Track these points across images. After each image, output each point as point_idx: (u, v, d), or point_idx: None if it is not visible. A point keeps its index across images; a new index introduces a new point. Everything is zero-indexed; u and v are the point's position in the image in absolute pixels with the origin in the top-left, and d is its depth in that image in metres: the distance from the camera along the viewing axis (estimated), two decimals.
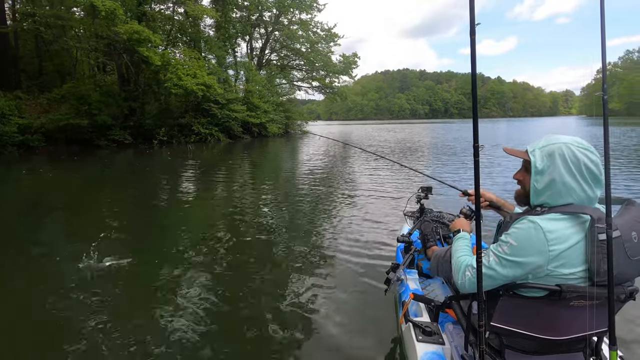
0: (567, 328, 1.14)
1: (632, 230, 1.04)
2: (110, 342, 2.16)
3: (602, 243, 1.00)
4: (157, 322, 2.35)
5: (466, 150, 13.71)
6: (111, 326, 2.32)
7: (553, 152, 1.11)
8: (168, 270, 3.14)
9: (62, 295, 2.74)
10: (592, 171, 1.08)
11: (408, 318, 1.72)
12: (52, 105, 16.31)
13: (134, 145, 17.47)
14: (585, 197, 1.09)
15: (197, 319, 2.39)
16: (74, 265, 3.25)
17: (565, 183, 1.08)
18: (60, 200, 6.58)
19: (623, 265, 1.02)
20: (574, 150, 1.09)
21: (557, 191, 1.10)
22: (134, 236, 4.28)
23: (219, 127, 20.42)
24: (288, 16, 26.98)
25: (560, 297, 1.05)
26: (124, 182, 8.80)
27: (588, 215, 1.04)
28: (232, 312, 2.51)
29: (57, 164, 11.72)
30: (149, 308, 2.54)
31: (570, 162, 1.08)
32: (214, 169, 10.27)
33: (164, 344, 2.13)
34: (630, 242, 1.03)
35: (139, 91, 19.06)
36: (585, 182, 1.08)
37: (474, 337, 1.30)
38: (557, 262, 1.05)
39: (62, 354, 2.08)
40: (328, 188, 7.00)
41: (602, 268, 1.00)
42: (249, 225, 4.53)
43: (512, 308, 1.15)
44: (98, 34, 15.89)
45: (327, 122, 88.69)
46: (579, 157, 1.08)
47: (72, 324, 2.37)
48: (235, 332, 2.27)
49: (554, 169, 1.10)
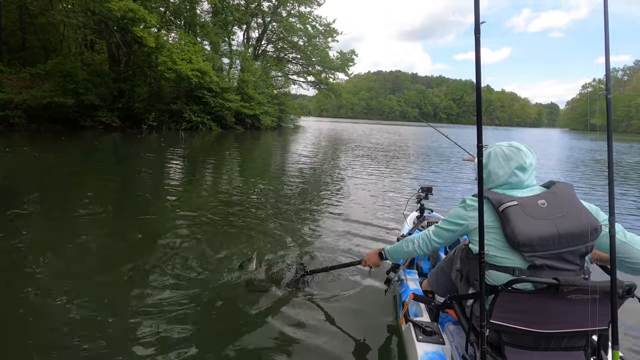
0: (564, 321, 1.20)
1: (539, 200, 1.30)
2: (88, 333, 1.98)
3: (503, 212, 1.28)
4: (133, 317, 2.16)
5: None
6: (87, 319, 2.13)
7: (490, 152, 1.47)
8: (149, 266, 2.87)
9: (35, 285, 2.48)
10: (518, 162, 1.40)
11: (408, 318, 1.73)
12: (36, 81, 15.39)
13: (121, 128, 16.77)
14: (513, 182, 1.41)
15: (180, 314, 2.20)
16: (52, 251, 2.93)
17: (496, 172, 1.43)
18: (50, 179, 6.11)
19: (527, 225, 1.23)
20: (503, 149, 1.44)
21: (492, 178, 1.45)
22: (125, 223, 3.96)
23: (212, 115, 19.88)
24: (287, 7, 26.49)
25: (558, 291, 1.13)
26: (119, 166, 8.34)
27: (489, 198, 1.34)
28: (227, 311, 2.33)
29: (42, 143, 11.06)
30: (124, 300, 2.35)
31: (500, 157, 1.43)
32: (214, 159, 9.89)
33: (141, 337, 1.97)
34: (535, 207, 1.27)
35: (130, 73, 18.30)
36: (512, 171, 1.40)
37: (474, 336, 1.31)
38: (473, 232, 1.38)
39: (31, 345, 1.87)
40: (326, 186, 6.80)
41: (506, 230, 1.26)
42: (248, 225, 4.27)
43: (510, 304, 1.20)
44: (90, 9, 15.08)
45: (318, 119, 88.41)
46: (507, 153, 1.42)
47: (44, 314, 2.17)
48: (232, 332, 2.14)
49: (489, 163, 1.45)
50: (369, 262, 1.95)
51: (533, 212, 1.27)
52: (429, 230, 1.57)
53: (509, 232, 1.26)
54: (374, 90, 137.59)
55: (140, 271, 2.76)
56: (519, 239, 1.23)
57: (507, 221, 1.27)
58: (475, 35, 1.10)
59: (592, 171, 10.56)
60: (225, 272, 2.82)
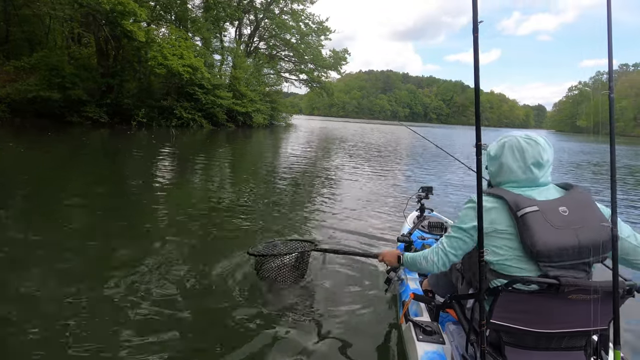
0: (565, 321, 1.19)
1: (560, 206, 1.20)
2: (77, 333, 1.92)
3: (522, 218, 1.18)
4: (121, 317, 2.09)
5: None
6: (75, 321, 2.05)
7: (504, 143, 1.36)
8: (141, 268, 2.76)
9: (18, 284, 2.38)
10: (534, 157, 1.28)
11: (408, 317, 1.73)
12: (20, 74, 14.92)
13: (110, 124, 16.39)
14: (527, 178, 1.29)
15: (173, 314, 2.15)
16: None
17: (510, 166, 1.31)
18: (36, 176, 5.89)
19: (548, 234, 1.15)
20: (520, 141, 1.32)
21: (504, 172, 1.33)
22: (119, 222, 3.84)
23: (203, 112, 19.60)
24: (280, 4, 26.27)
25: (559, 291, 1.12)
26: (108, 164, 8.14)
27: (506, 199, 1.23)
28: (222, 311, 2.27)
29: (28, 138, 10.72)
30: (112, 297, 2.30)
31: (515, 150, 1.31)
32: (205, 157, 9.73)
33: (131, 339, 1.92)
34: (556, 214, 1.18)
35: (118, 67, 17.88)
36: (527, 167, 1.28)
37: (475, 336, 1.30)
38: (487, 237, 1.23)
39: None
40: (323, 186, 6.75)
41: (524, 238, 1.17)
42: (248, 225, 4.20)
43: (510, 304, 1.19)
44: (77, 1, 14.66)
45: (309, 117, 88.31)
46: (523, 146, 1.30)
47: (24, 317, 2.07)
48: (227, 328, 2.11)
49: (502, 156, 1.34)
50: (385, 259, 1.87)
51: (554, 220, 1.18)
52: (442, 243, 1.41)
53: (527, 241, 1.17)
54: (365, 89, 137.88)
55: (127, 271, 2.66)
56: (538, 249, 1.16)
57: (526, 228, 1.17)
58: (474, 34, 1.09)
59: (587, 173, 10.74)
60: (218, 269, 2.75)
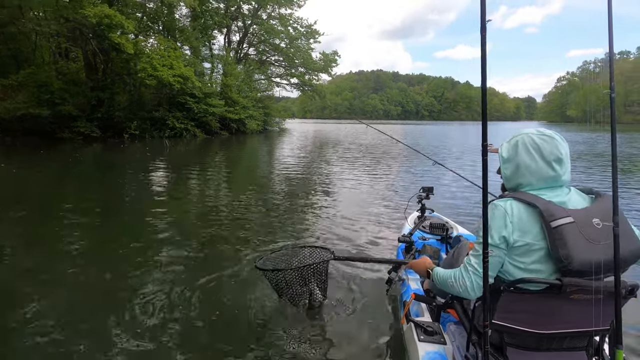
0: (567, 322, 1.17)
1: (593, 217, 1.11)
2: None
3: (556, 230, 1.08)
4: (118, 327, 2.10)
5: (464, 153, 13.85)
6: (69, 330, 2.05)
7: (517, 142, 1.26)
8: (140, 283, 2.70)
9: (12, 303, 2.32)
10: (553, 153, 1.19)
11: (409, 318, 1.72)
12: (8, 92, 14.75)
13: (102, 139, 16.22)
14: (549, 177, 1.19)
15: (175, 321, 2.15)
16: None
17: (528, 166, 1.21)
18: (29, 197, 5.77)
19: (584, 249, 1.07)
20: (534, 138, 1.22)
21: (522, 174, 1.22)
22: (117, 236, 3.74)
23: (196, 122, 19.48)
24: (267, 10, 26.25)
25: (561, 291, 1.09)
26: (102, 179, 8.00)
27: (537, 206, 1.13)
28: (221, 314, 2.28)
29: (19, 158, 10.58)
30: (108, 312, 2.28)
31: (530, 147, 1.21)
32: (200, 166, 9.62)
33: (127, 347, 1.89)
34: (590, 227, 1.10)
35: (108, 81, 17.73)
36: (548, 164, 1.19)
37: (476, 336, 1.29)
38: (517, 250, 1.14)
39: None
40: (321, 186, 6.69)
41: (559, 253, 1.07)
42: (248, 234, 4.11)
43: (512, 304, 1.16)
44: (63, 16, 14.52)
45: (302, 120, 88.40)
46: (538, 142, 1.21)
47: (16, 334, 2.07)
48: (231, 329, 2.14)
49: (517, 156, 1.24)
50: (414, 268, 1.69)
51: (590, 234, 1.09)
52: (471, 263, 1.23)
53: (563, 257, 1.07)
54: (356, 90, 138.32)
55: (124, 288, 2.61)
56: (573, 266, 1.07)
57: (562, 242, 1.07)
58: (482, 33, 1.06)
59: (588, 164, 10.78)
60: (219, 279, 2.67)
